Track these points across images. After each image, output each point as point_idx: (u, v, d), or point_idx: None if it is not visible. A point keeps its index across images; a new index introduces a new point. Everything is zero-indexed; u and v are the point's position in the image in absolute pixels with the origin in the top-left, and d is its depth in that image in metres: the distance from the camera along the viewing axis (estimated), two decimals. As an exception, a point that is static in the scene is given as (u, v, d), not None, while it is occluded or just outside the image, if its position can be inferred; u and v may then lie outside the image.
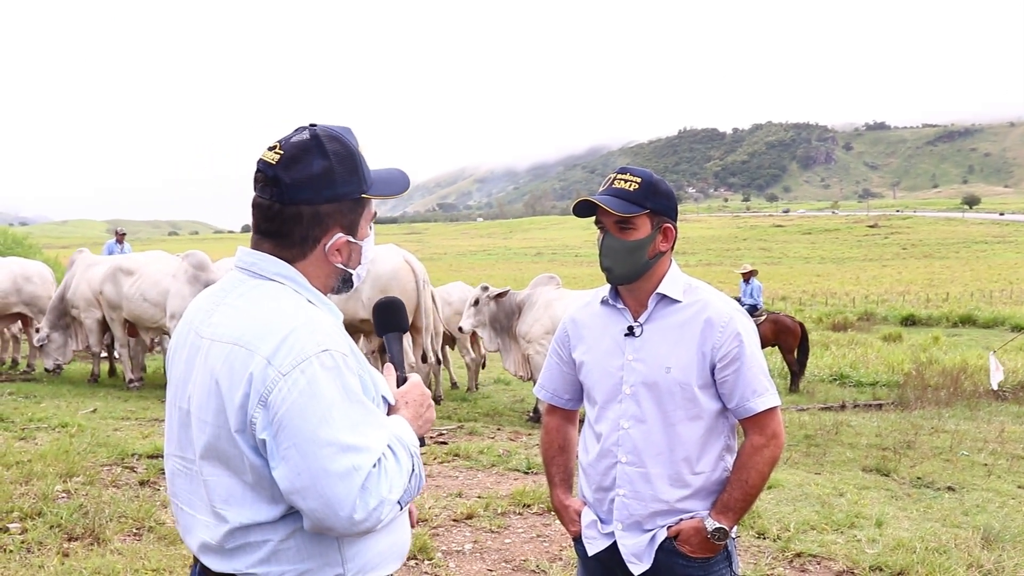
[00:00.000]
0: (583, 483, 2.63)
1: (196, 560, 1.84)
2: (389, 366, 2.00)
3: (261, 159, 1.76)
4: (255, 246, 1.80)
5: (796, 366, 15.40)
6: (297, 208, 1.74)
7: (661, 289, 2.46)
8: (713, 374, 2.42)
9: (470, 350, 12.53)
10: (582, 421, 2.69)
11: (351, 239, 1.81)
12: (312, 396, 1.62)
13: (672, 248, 2.50)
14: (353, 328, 9.91)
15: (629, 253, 2.42)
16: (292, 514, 1.71)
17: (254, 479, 1.69)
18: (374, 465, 1.66)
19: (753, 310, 15.41)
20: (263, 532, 1.71)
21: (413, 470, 1.75)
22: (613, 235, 2.43)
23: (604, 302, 2.57)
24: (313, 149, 1.74)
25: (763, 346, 14.85)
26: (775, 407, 2.44)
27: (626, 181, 2.42)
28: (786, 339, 15.30)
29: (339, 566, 1.75)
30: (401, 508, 1.72)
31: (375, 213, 1.88)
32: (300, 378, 1.62)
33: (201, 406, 1.72)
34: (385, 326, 2.09)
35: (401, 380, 1.96)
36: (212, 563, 1.77)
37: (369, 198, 1.83)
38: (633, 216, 2.39)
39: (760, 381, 2.41)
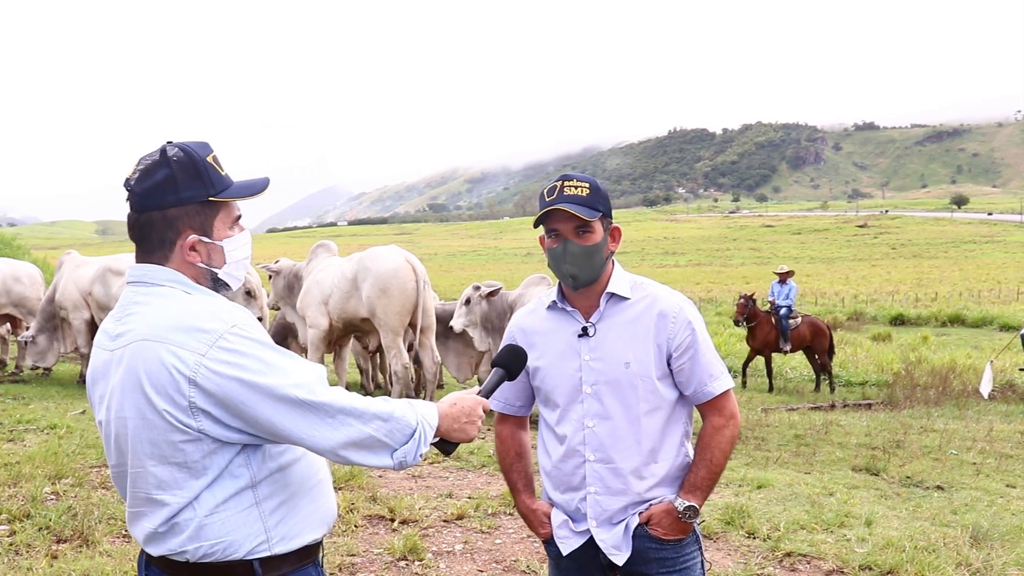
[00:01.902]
0: (548, 486, 2.66)
1: (142, 551, 1.98)
2: (477, 388, 2.26)
3: (126, 177, 1.94)
4: (136, 259, 1.97)
5: (829, 367, 15.92)
6: (148, 214, 1.91)
7: (611, 288, 2.53)
8: (669, 364, 2.50)
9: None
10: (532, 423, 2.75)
11: (204, 239, 1.95)
12: (240, 362, 1.81)
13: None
14: (353, 327, 9.88)
15: (590, 257, 2.48)
16: (214, 487, 1.85)
17: (182, 458, 1.83)
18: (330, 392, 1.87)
19: (788, 311, 15.67)
20: (189, 510, 1.85)
21: (414, 434, 1.93)
22: (574, 241, 2.47)
23: (551, 307, 2.62)
24: (160, 161, 1.90)
25: (799, 347, 15.45)
26: (730, 389, 2.54)
27: (576, 187, 2.47)
28: (820, 341, 15.87)
29: (262, 534, 1.89)
30: (393, 460, 1.91)
31: (238, 216, 2.03)
32: (220, 353, 1.80)
33: (121, 405, 1.85)
34: (500, 363, 2.38)
35: None
36: (152, 549, 1.91)
37: (218, 201, 1.96)
38: (593, 220, 2.45)
39: (715, 365, 2.52)
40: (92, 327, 11.76)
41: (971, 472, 7.75)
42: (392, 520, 5.49)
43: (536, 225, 2.53)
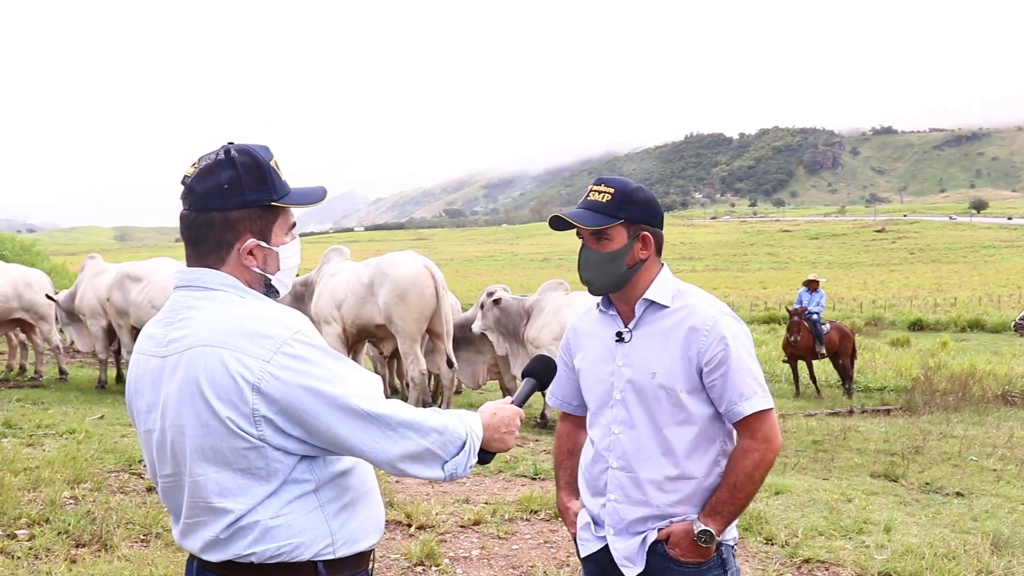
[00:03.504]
0: (581, 486, 2.66)
1: (192, 559, 1.97)
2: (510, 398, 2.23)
3: (184, 175, 1.91)
4: (188, 261, 1.95)
5: (851, 372, 16.19)
6: (209, 215, 1.88)
7: (648, 295, 2.47)
8: (702, 379, 2.41)
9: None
10: None
11: (263, 244, 1.94)
12: (305, 369, 1.79)
13: (659, 254, 2.52)
14: (367, 333, 9.86)
15: (605, 264, 2.45)
16: (280, 492, 1.84)
17: (245, 464, 1.81)
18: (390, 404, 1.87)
19: (818, 317, 15.84)
20: (254, 513, 1.83)
21: (464, 446, 1.94)
22: (589, 247, 2.47)
23: (599, 309, 2.61)
24: (224, 162, 1.89)
25: (831, 351, 15.42)
26: (766, 411, 2.40)
27: (600, 193, 2.44)
28: (847, 345, 16.12)
29: (328, 536, 1.89)
30: (444, 472, 1.90)
31: (293, 223, 2.01)
32: (285, 359, 1.79)
33: (179, 413, 1.82)
34: (531, 372, 2.37)
35: None
36: (212, 556, 1.88)
37: (280, 207, 1.95)
38: (606, 228, 2.42)
39: (748, 384, 2.39)
40: (110, 334, 11.87)
41: (991, 478, 7.70)
42: (409, 526, 5.49)
43: (552, 224, 2.52)
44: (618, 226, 2.42)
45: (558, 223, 2.48)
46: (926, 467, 8.04)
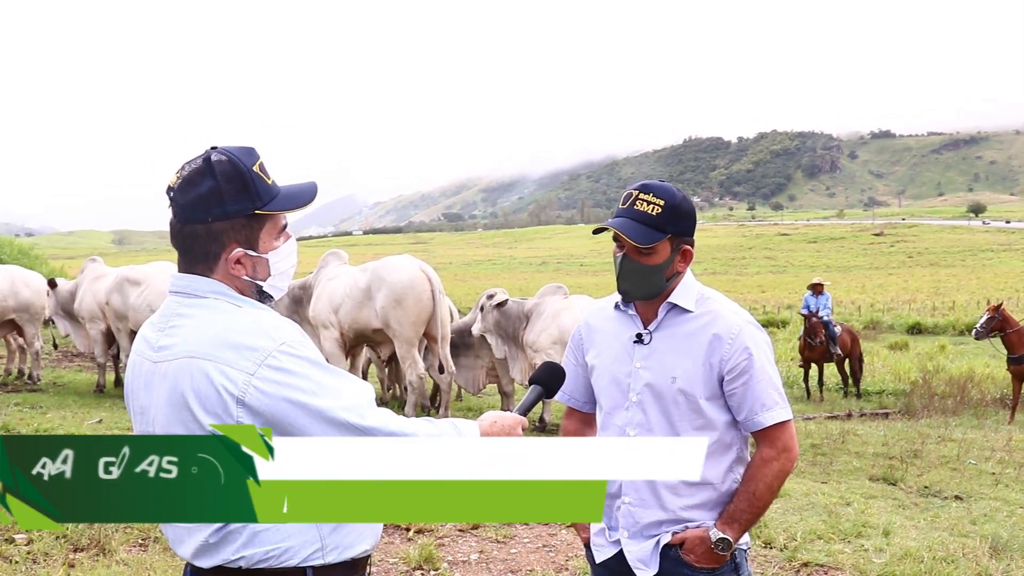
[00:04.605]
0: None
1: (187, 565, 1.95)
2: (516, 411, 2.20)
3: (168, 184, 1.89)
4: (179, 267, 1.94)
5: (860, 374, 16.25)
6: (192, 227, 1.87)
7: (672, 299, 2.44)
8: (722, 386, 2.40)
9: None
10: None
11: (251, 252, 1.91)
12: (290, 382, 1.78)
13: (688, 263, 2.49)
14: (365, 337, 9.86)
15: (646, 276, 2.41)
16: None
17: None
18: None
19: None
20: None
21: None
22: (631, 258, 2.41)
23: (617, 307, 2.57)
24: (205, 171, 1.85)
25: (844, 354, 15.29)
26: (786, 421, 2.41)
27: (648, 203, 2.38)
28: (856, 347, 16.13)
29: (317, 542, 1.86)
30: None
31: (284, 225, 1.98)
32: (269, 372, 1.78)
33: (169, 422, 1.83)
34: (538, 380, 2.35)
35: None
36: (203, 562, 1.87)
37: (264, 214, 1.91)
38: (652, 243, 2.37)
39: (770, 395, 2.39)
40: (108, 337, 11.87)
41: (990, 482, 7.70)
42: (407, 529, 5.49)
43: (596, 232, 2.49)
44: (664, 240, 2.39)
45: (601, 232, 2.44)
46: (925, 471, 8.04)
